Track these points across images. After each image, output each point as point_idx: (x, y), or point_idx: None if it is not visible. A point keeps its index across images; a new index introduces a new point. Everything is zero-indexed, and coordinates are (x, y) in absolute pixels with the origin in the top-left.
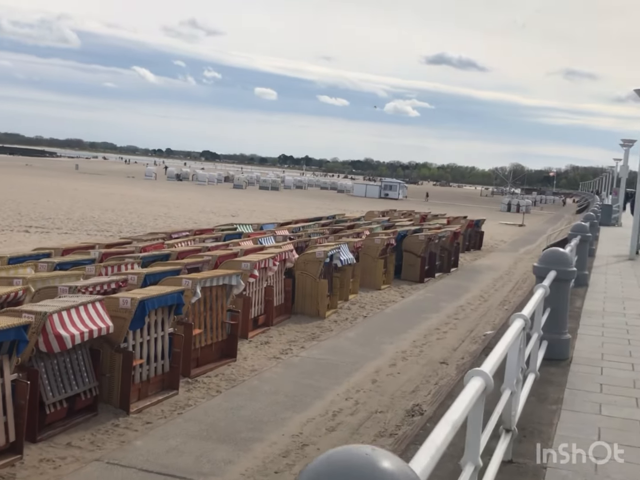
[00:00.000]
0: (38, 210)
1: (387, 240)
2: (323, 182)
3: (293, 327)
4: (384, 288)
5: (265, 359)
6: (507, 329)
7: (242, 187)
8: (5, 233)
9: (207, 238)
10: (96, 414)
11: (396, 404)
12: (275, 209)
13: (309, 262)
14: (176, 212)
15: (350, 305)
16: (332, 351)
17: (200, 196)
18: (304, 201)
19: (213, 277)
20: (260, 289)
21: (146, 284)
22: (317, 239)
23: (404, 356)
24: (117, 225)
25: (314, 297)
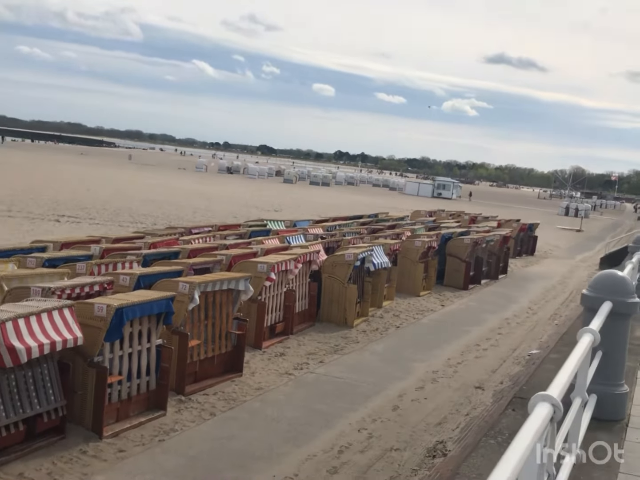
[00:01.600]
0: (76, 200)
1: (429, 243)
2: (375, 179)
3: (315, 336)
4: (423, 295)
5: (276, 374)
6: (527, 421)
7: (292, 181)
8: (35, 222)
9: (230, 235)
10: (63, 437)
11: (417, 440)
12: (321, 205)
13: (337, 265)
14: (218, 206)
15: (384, 313)
16: (354, 368)
17: (247, 190)
18: (353, 198)
19: (216, 281)
20: (279, 293)
21: (139, 286)
22: (350, 239)
23: (434, 377)
24: (152, 217)
25: (341, 304)
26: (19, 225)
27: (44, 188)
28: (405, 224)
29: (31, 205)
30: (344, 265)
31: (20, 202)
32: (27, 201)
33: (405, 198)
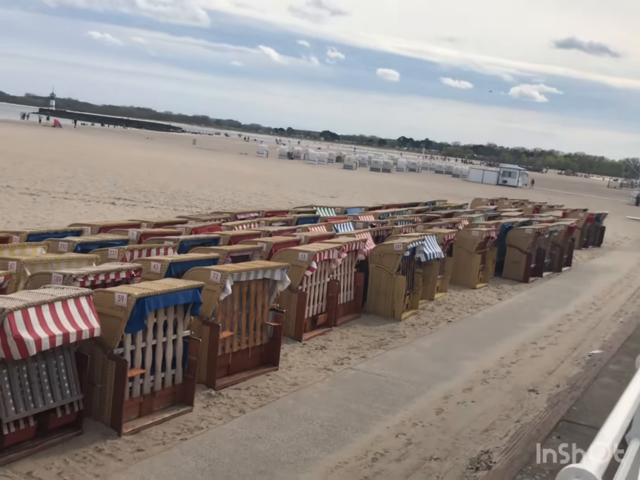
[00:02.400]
0: (135, 183)
1: (487, 233)
2: (438, 165)
3: (360, 329)
4: (479, 287)
5: (314, 369)
6: None
7: (352, 167)
8: (91, 204)
9: (276, 221)
10: (80, 432)
11: (460, 448)
12: (380, 191)
13: (386, 255)
14: (274, 191)
15: (435, 307)
16: (398, 365)
17: (305, 175)
18: (413, 184)
19: (250, 270)
20: (322, 283)
21: (171, 274)
22: (401, 228)
23: (485, 378)
24: (208, 202)
25: (389, 295)
26: (73, 207)
27: (104, 171)
28: (463, 213)
29: (89, 188)
30: (393, 255)
31: (79, 184)
32: (85, 183)
33: (468, 185)
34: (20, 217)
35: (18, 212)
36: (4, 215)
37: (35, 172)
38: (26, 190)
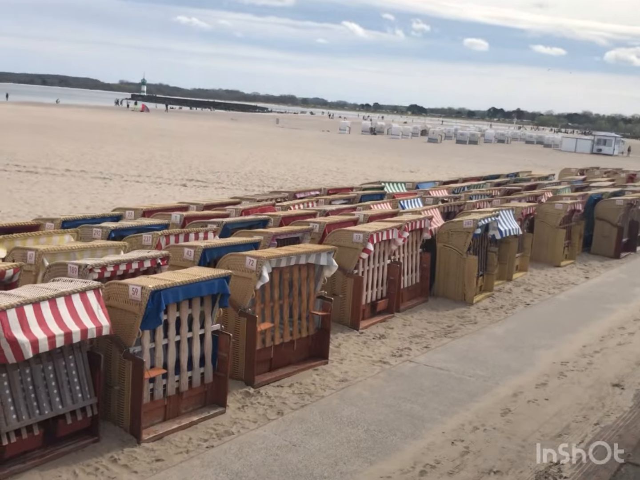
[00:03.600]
0: (210, 164)
1: (572, 206)
2: (529, 135)
3: (426, 315)
4: (565, 265)
5: (368, 362)
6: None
7: (437, 141)
8: (162, 187)
9: (338, 199)
10: (97, 439)
11: (525, 458)
12: (464, 164)
13: (454, 233)
14: (352, 167)
15: (513, 288)
16: (464, 356)
17: (386, 150)
18: (500, 156)
19: (291, 255)
20: (381, 266)
21: (205, 261)
22: (475, 203)
23: (562, 370)
24: (281, 180)
25: (459, 277)
26: (144, 190)
27: (180, 153)
28: (548, 184)
29: (163, 170)
30: (462, 233)
31: (155, 167)
32: (161, 166)
33: (560, 155)
34: (88, 202)
35: (86, 196)
36: (72, 200)
37: (113, 156)
38: (99, 174)
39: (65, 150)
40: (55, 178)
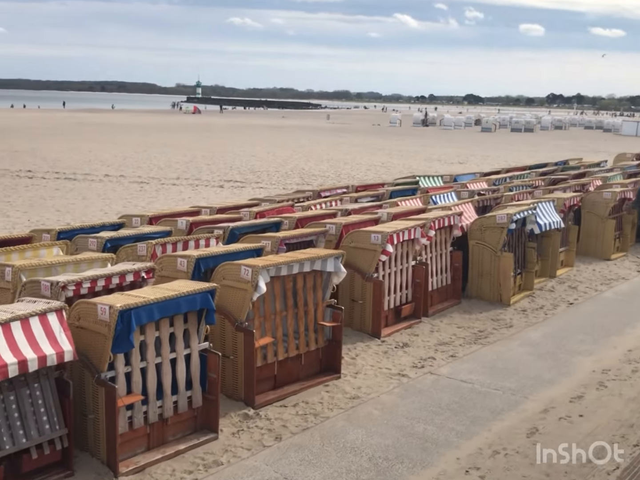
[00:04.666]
0: (251, 163)
1: (622, 194)
2: (587, 120)
3: (457, 318)
4: (615, 258)
5: (386, 376)
6: None
7: (491, 130)
8: (198, 189)
9: (365, 197)
10: (70, 474)
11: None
12: (515, 152)
13: (488, 229)
14: (397, 161)
15: (557, 285)
16: (492, 366)
17: (436, 142)
18: (555, 143)
19: (292, 263)
20: (405, 268)
21: (199, 271)
22: (513, 195)
23: (602, 380)
24: (323, 178)
25: (494, 277)
26: (179, 193)
27: (224, 153)
28: (599, 172)
29: (203, 171)
30: (496, 229)
31: (195, 168)
32: (201, 167)
33: (619, 140)
34: (120, 207)
35: (120, 202)
36: (104, 206)
37: (154, 160)
38: (138, 178)
39: (108, 155)
40: (92, 184)
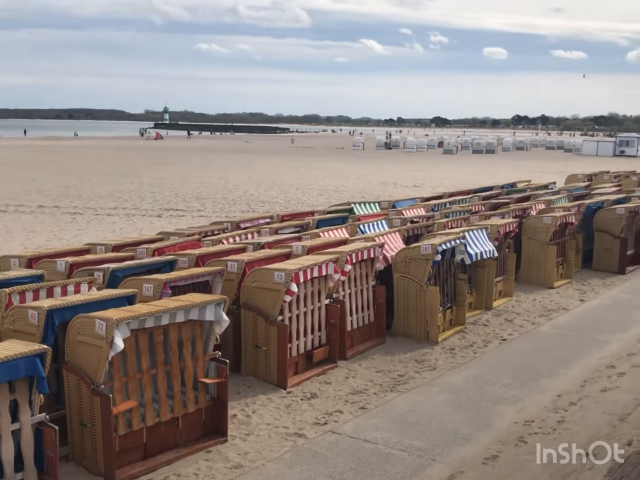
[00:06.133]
0: (199, 190)
1: (563, 218)
2: (549, 141)
3: (379, 361)
4: (559, 285)
5: (281, 436)
6: None
7: (453, 152)
8: (133, 219)
9: (287, 227)
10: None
11: None
12: (473, 174)
13: (412, 261)
14: (352, 185)
15: (492, 318)
16: (403, 420)
17: (395, 165)
18: (515, 163)
19: (160, 313)
20: (316, 308)
21: (52, 326)
22: (446, 222)
23: (523, 434)
24: (270, 204)
25: (420, 312)
26: (111, 224)
27: (172, 180)
28: (544, 194)
29: (146, 200)
30: (421, 260)
31: (138, 197)
32: (145, 195)
33: (579, 160)
34: (43, 241)
35: (45, 234)
36: (25, 240)
37: (97, 189)
38: (73, 209)
39: (51, 185)
40: (22, 216)
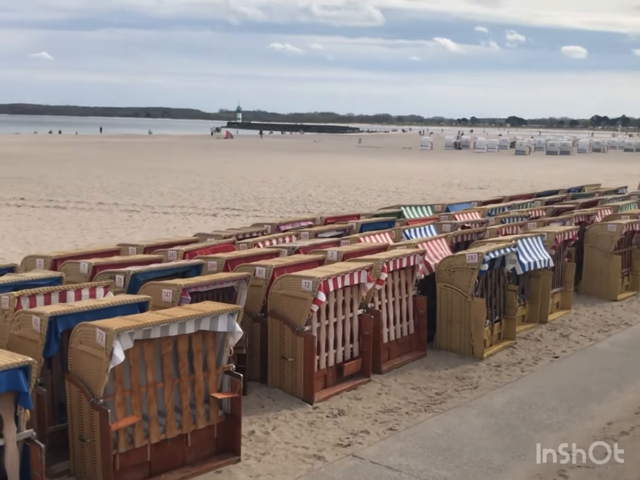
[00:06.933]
0: (258, 189)
1: (629, 226)
2: (627, 143)
3: (416, 376)
4: (624, 298)
5: (297, 458)
6: None
7: (525, 153)
8: (189, 218)
9: (329, 230)
10: None
11: None
12: (545, 176)
13: (457, 271)
14: (414, 187)
15: (546, 332)
16: (434, 445)
17: (462, 166)
18: (590, 166)
19: (168, 323)
20: (348, 318)
21: (56, 334)
22: (499, 229)
23: (563, 467)
24: (327, 205)
25: (464, 325)
26: (165, 222)
27: (232, 179)
28: (612, 199)
29: (205, 199)
30: (466, 270)
31: (197, 195)
32: (204, 194)
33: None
34: (95, 239)
35: (98, 232)
36: (77, 237)
37: (160, 186)
38: (131, 206)
39: (115, 182)
40: (79, 213)
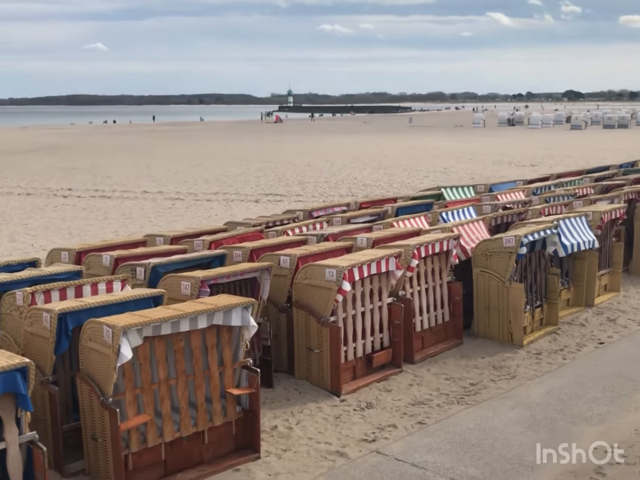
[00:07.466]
0: (303, 173)
1: None
2: None
3: (451, 365)
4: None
5: (319, 455)
6: None
7: (581, 127)
8: (231, 204)
9: (363, 215)
10: None
11: None
12: (600, 151)
13: (494, 255)
14: (464, 165)
15: (592, 317)
16: (463, 440)
17: (515, 143)
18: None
19: (179, 318)
20: (376, 307)
21: (67, 331)
22: (542, 209)
23: (602, 464)
24: (372, 187)
25: (502, 312)
26: (207, 210)
27: (280, 163)
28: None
29: (249, 184)
30: (503, 254)
31: (242, 181)
32: (249, 180)
33: None
34: (136, 228)
35: (141, 221)
36: (120, 226)
37: (206, 173)
38: (176, 194)
39: (162, 170)
40: (124, 202)
